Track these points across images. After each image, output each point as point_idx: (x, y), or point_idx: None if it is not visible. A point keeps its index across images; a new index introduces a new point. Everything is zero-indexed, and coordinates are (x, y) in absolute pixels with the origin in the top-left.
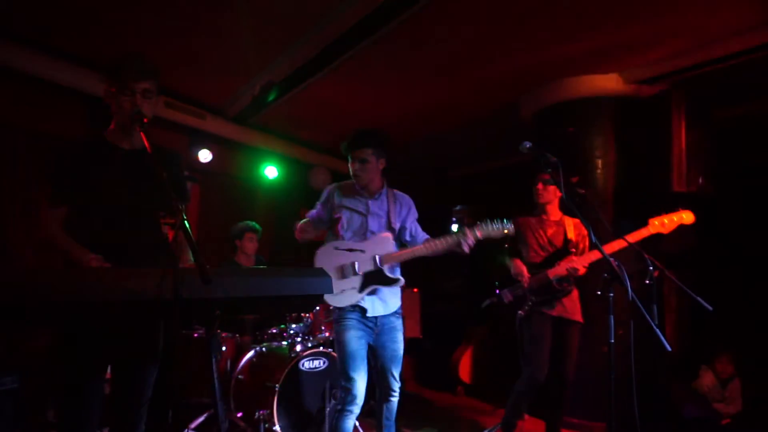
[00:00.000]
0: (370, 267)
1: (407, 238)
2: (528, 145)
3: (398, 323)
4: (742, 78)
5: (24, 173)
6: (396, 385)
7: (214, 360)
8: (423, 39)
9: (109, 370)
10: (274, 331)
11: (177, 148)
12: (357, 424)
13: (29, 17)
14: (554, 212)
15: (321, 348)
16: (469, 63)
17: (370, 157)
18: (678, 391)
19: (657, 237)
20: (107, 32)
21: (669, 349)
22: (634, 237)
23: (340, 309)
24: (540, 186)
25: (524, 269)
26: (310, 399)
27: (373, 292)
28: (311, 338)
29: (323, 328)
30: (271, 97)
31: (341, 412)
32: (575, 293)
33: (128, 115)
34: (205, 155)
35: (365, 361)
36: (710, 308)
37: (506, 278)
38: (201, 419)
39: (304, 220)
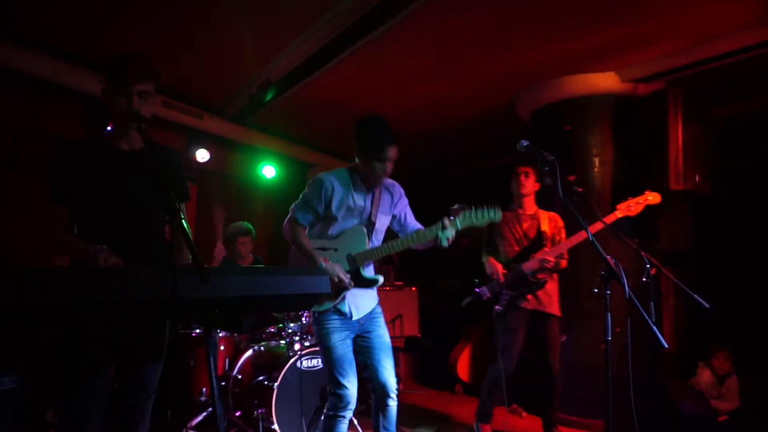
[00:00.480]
0: (345, 267)
1: (396, 227)
2: (525, 143)
3: (379, 310)
4: (739, 76)
5: (24, 173)
6: (392, 384)
7: (212, 359)
8: (420, 38)
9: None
10: (272, 330)
11: (175, 147)
12: (356, 422)
13: (29, 17)
14: (530, 206)
15: (318, 347)
16: (467, 62)
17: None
18: (675, 388)
19: (654, 235)
20: (106, 32)
21: (666, 346)
22: (606, 220)
23: (320, 313)
24: (522, 177)
25: (499, 267)
26: (308, 398)
27: (349, 294)
28: (309, 337)
29: None
30: (268, 97)
31: (334, 417)
32: (552, 287)
33: (126, 117)
34: (202, 155)
35: (354, 364)
36: (707, 306)
37: (485, 276)
38: (199, 418)
39: (299, 234)
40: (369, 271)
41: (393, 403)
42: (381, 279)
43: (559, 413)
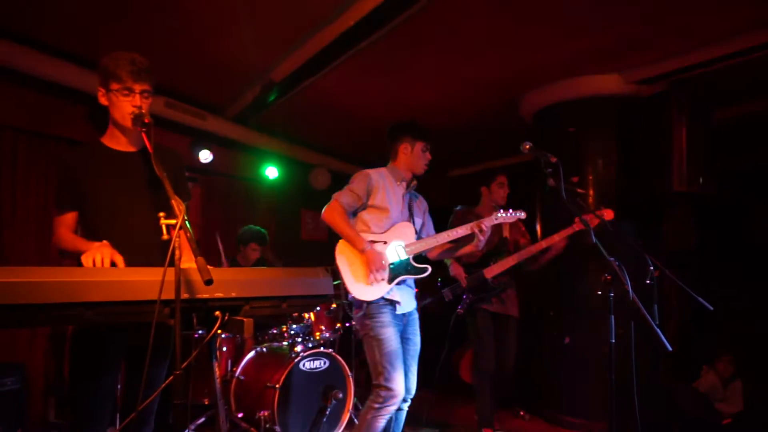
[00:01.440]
0: (394, 257)
1: (423, 234)
2: (528, 145)
3: (417, 316)
4: (742, 77)
5: (25, 174)
6: (413, 388)
7: (214, 361)
8: (423, 39)
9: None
10: (275, 331)
11: (178, 148)
12: (355, 420)
13: (30, 17)
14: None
15: (321, 348)
16: (470, 63)
17: None
18: (679, 390)
19: (657, 236)
20: (108, 32)
21: (670, 348)
22: (562, 234)
23: (371, 303)
24: (506, 188)
25: (461, 271)
26: (311, 399)
27: (401, 283)
28: (312, 338)
29: (324, 328)
30: (271, 97)
31: (379, 410)
32: (512, 289)
33: (129, 117)
34: (205, 155)
35: (402, 358)
36: (711, 308)
37: (447, 277)
38: (202, 420)
39: (341, 217)
40: (418, 261)
41: (406, 407)
42: (429, 269)
43: (564, 416)
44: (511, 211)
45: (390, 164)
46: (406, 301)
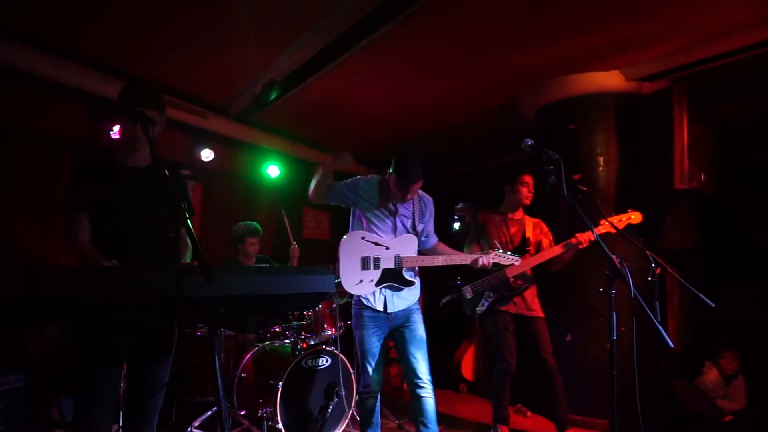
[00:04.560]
0: (390, 265)
1: (422, 237)
2: (530, 142)
3: (416, 310)
4: (743, 74)
5: (27, 173)
6: (424, 374)
7: (217, 358)
8: (424, 36)
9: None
10: (277, 329)
11: (179, 147)
12: (355, 413)
13: (31, 17)
14: (519, 211)
15: (323, 346)
16: (471, 61)
17: None
18: (681, 387)
19: (658, 233)
20: (110, 32)
21: (672, 345)
22: (585, 236)
23: (357, 306)
24: (528, 189)
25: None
26: (313, 397)
27: (388, 288)
28: (314, 336)
29: (326, 326)
30: (273, 96)
31: (361, 394)
32: (530, 291)
33: (137, 138)
34: (206, 154)
35: (378, 356)
36: (713, 305)
37: (467, 275)
38: (204, 417)
39: (323, 179)
40: (409, 274)
41: (426, 395)
42: (417, 282)
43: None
44: (509, 255)
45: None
46: (396, 301)
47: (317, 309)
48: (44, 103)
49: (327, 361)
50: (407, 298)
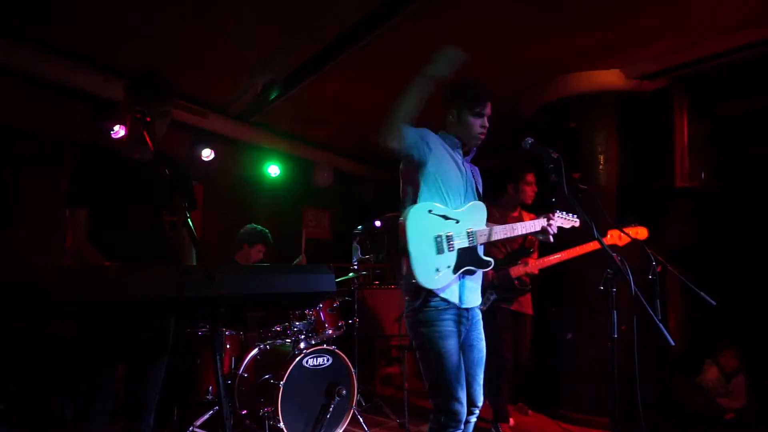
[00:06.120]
0: (465, 243)
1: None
2: (530, 141)
3: (480, 317)
4: (744, 73)
5: (29, 174)
6: (479, 399)
7: (218, 358)
8: (425, 35)
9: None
10: (278, 328)
11: (179, 146)
12: (361, 420)
13: (33, 16)
14: (518, 209)
15: (325, 345)
16: (471, 59)
17: None
18: (681, 385)
19: (659, 231)
20: (111, 32)
21: (672, 343)
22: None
23: (428, 306)
24: (532, 188)
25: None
26: (315, 396)
27: (466, 274)
28: (315, 335)
29: (327, 325)
30: (273, 95)
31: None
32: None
33: (139, 131)
34: (207, 153)
35: (464, 370)
36: (713, 303)
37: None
38: (206, 417)
39: (421, 93)
40: (483, 253)
41: (473, 419)
42: (492, 262)
43: (566, 411)
44: (571, 216)
45: (441, 132)
46: (472, 295)
47: (318, 308)
48: (44, 103)
49: (328, 360)
50: (477, 291)
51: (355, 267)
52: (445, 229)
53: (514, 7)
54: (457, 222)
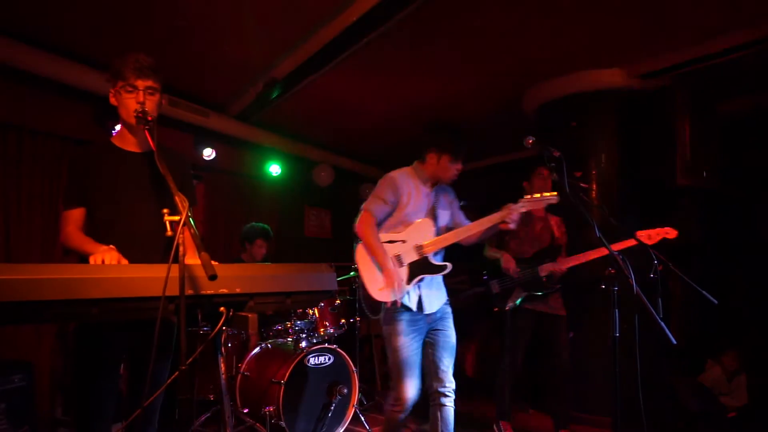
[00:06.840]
0: (414, 257)
1: (450, 225)
2: (531, 139)
3: (449, 311)
4: (746, 71)
5: (30, 174)
6: (449, 382)
7: (219, 357)
8: (426, 35)
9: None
10: (280, 327)
11: (181, 145)
12: (363, 419)
13: (35, 16)
14: (542, 209)
15: (326, 344)
16: (472, 59)
17: None
18: (683, 384)
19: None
20: (111, 31)
21: (674, 342)
22: (619, 246)
23: (387, 309)
24: (546, 182)
25: (513, 263)
26: (316, 395)
27: (421, 282)
28: (316, 334)
29: (328, 324)
30: (274, 95)
31: (392, 409)
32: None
33: (132, 115)
34: (208, 153)
35: (417, 368)
36: (715, 302)
37: (493, 269)
38: (207, 415)
39: (373, 233)
40: (437, 259)
41: (450, 404)
42: (450, 266)
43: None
44: (543, 195)
45: (416, 164)
46: (432, 300)
47: (320, 307)
48: (44, 103)
49: (330, 359)
50: (441, 294)
51: (356, 266)
52: (393, 251)
53: (515, 6)
54: (404, 242)
